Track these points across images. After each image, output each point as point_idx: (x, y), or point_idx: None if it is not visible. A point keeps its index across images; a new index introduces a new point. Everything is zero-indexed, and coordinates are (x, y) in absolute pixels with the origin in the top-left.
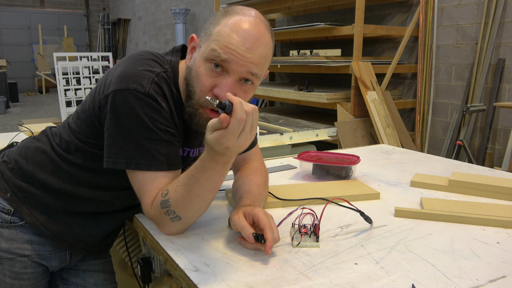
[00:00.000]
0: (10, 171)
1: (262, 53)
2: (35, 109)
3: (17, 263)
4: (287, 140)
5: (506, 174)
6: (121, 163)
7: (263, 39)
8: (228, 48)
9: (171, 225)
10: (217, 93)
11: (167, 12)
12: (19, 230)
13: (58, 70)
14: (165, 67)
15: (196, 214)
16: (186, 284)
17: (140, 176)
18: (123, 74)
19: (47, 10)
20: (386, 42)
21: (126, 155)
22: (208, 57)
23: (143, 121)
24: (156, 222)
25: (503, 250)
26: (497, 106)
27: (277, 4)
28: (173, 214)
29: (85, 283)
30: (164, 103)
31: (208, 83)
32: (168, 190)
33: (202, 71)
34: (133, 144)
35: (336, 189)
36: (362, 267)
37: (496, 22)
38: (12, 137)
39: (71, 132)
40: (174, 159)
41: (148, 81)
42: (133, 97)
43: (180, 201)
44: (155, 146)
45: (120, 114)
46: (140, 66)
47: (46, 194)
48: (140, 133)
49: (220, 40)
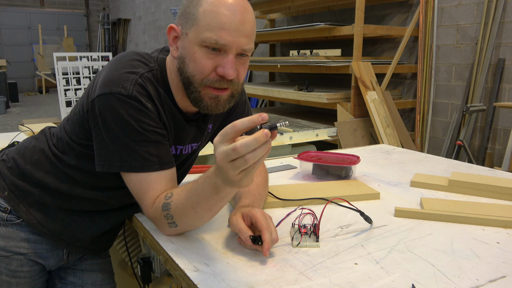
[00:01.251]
0: (8, 170)
1: (252, 20)
2: (35, 109)
3: (14, 261)
4: (287, 140)
5: (506, 174)
6: (115, 166)
7: (248, 8)
8: (223, 29)
9: (168, 228)
10: (222, 72)
11: (167, 12)
12: (15, 228)
13: (58, 70)
14: (151, 65)
15: (191, 226)
16: (186, 284)
17: (135, 178)
18: (106, 78)
19: (47, 10)
20: (386, 42)
21: (119, 158)
22: (203, 43)
23: (129, 124)
24: (155, 223)
25: (503, 250)
26: (497, 106)
27: (277, 4)
28: (171, 219)
29: (83, 282)
30: (149, 103)
31: (209, 64)
32: (172, 194)
33: (199, 56)
34: (123, 148)
35: (336, 189)
36: (362, 267)
37: (496, 22)
38: (12, 137)
39: (65, 133)
40: (165, 158)
41: (131, 83)
42: (117, 100)
43: (179, 207)
44: (144, 148)
45: (106, 118)
46: (123, 68)
47: (43, 193)
48: (128, 136)
49: (210, 23)
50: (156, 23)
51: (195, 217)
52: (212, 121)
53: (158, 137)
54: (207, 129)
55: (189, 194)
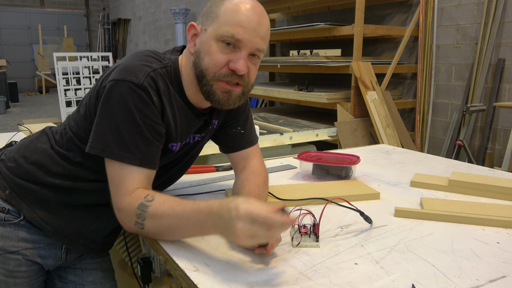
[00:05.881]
0: (8, 169)
1: (267, 25)
2: (35, 109)
3: (11, 261)
4: (287, 140)
5: (506, 174)
6: (96, 149)
7: (265, 14)
8: (241, 26)
9: (132, 226)
10: (233, 67)
11: (167, 12)
12: (13, 228)
13: (58, 70)
14: (165, 62)
15: (155, 236)
16: (186, 284)
17: (114, 165)
18: (122, 67)
19: (47, 10)
20: (386, 42)
21: (103, 142)
22: (220, 38)
23: (131, 112)
24: (121, 214)
25: (503, 250)
26: (497, 106)
27: (277, 4)
28: (141, 220)
29: (83, 281)
30: (155, 97)
31: (223, 58)
32: (154, 198)
33: (214, 49)
34: (114, 133)
35: (336, 189)
36: (362, 267)
37: (496, 22)
38: (10, 137)
39: (70, 130)
40: (149, 157)
41: (144, 74)
42: (127, 87)
43: (156, 217)
44: (134, 140)
45: (111, 102)
46: (139, 61)
47: (45, 190)
48: (125, 123)
49: (230, 20)
50: (156, 23)
51: (165, 234)
52: (217, 117)
53: (153, 134)
54: (212, 123)
55: (171, 213)
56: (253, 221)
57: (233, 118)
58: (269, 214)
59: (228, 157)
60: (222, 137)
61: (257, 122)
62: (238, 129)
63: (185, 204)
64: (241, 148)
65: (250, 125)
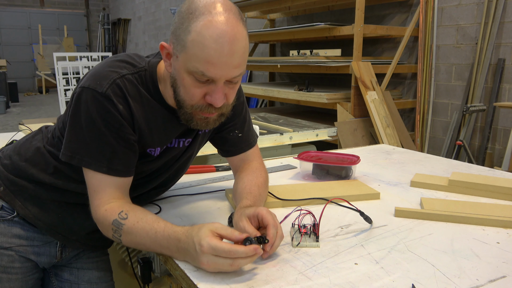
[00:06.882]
0: (3, 166)
1: (242, 49)
2: (35, 109)
3: (4, 256)
4: (287, 140)
5: (506, 174)
6: (66, 155)
7: (238, 35)
8: (210, 63)
9: (111, 236)
10: (210, 101)
11: (167, 12)
12: (7, 224)
13: (58, 70)
14: (140, 66)
15: (134, 247)
16: (186, 284)
17: (86, 173)
18: (92, 73)
19: (47, 10)
20: (386, 42)
21: (72, 149)
22: (191, 73)
23: (95, 120)
24: (98, 224)
25: (503, 250)
26: (497, 106)
27: (277, 4)
28: (118, 236)
29: (79, 280)
30: (121, 105)
31: (198, 93)
32: (127, 216)
33: (188, 83)
34: (81, 141)
35: (336, 189)
36: (362, 267)
37: (496, 22)
38: (11, 137)
39: (58, 130)
40: (116, 165)
41: (108, 81)
42: (91, 96)
43: (131, 235)
44: (100, 147)
45: (79, 110)
46: (108, 67)
47: (38, 187)
48: (90, 131)
49: (198, 55)
50: (156, 23)
51: (144, 249)
52: None
53: (119, 141)
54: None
55: (144, 236)
56: (217, 255)
57: (229, 121)
58: (232, 248)
59: (227, 159)
60: (219, 141)
61: (257, 122)
62: (236, 133)
63: (157, 229)
64: (240, 151)
65: (248, 127)
